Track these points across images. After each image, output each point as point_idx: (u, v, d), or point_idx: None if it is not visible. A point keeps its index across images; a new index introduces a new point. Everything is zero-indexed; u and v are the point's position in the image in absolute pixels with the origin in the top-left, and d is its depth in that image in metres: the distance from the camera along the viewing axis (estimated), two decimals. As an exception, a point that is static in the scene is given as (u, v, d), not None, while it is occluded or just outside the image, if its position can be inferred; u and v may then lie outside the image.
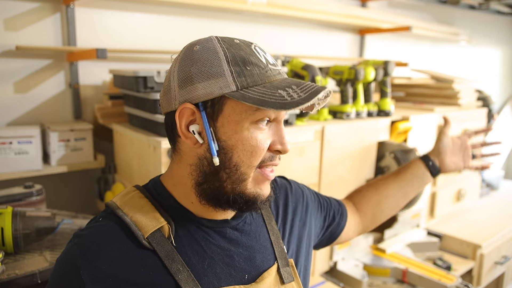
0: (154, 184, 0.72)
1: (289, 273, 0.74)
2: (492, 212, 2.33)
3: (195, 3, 1.61)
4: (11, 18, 1.40)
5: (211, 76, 0.62)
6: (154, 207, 0.67)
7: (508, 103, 4.09)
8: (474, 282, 1.88)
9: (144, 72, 1.23)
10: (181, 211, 0.68)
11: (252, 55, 0.64)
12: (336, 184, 1.56)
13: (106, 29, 1.59)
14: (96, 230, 0.65)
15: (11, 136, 1.31)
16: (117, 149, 1.50)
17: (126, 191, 0.71)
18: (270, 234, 0.75)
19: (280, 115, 0.66)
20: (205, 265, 0.65)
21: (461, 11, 3.29)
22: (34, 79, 1.49)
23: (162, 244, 0.64)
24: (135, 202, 0.68)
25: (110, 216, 0.67)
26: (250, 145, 0.63)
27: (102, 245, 0.62)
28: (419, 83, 2.39)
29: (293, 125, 1.43)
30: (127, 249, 0.63)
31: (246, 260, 0.70)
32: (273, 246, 0.74)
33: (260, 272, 0.70)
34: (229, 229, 0.70)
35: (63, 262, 0.64)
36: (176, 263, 0.63)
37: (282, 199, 0.85)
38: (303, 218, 0.85)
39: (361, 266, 1.65)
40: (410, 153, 1.65)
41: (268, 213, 0.79)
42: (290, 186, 0.89)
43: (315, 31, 2.31)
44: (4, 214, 1.00)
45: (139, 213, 0.66)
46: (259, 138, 0.64)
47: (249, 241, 0.72)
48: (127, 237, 0.64)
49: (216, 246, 0.68)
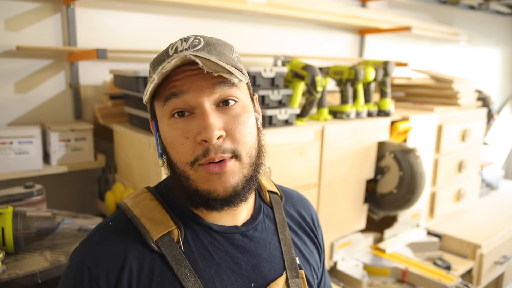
0: (165, 186, 0.71)
1: (298, 285, 0.71)
2: (491, 212, 2.33)
3: (195, 3, 1.61)
4: (11, 18, 1.40)
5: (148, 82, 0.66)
6: (164, 210, 0.67)
7: (508, 103, 4.09)
8: (474, 282, 1.88)
9: (144, 72, 1.23)
10: (190, 215, 0.67)
11: (165, 52, 0.64)
12: (336, 184, 1.56)
13: (106, 29, 1.59)
14: (106, 236, 0.65)
15: (11, 136, 1.31)
16: (117, 149, 1.50)
17: (138, 192, 0.71)
18: (281, 244, 0.73)
19: (195, 99, 0.60)
20: (212, 271, 0.64)
21: (461, 11, 3.29)
22: (34, 79, 1.49)
23: (170, 248, 0.63)
24: (145, 204, 0.68)
25: (119, 219, 0.67)
26: (171, 141, 0.62)
27: (114, 251, 0.62)
28: (419, 83, 2.39)
29: (293, 125, 1.44)
30: (138, 254, 0.62)
31: (253, 268, 0.68)
32: (283, 255, 0.72)
33: (267, 281, 0.68)
34: (239, 235, 0.69)
35: (73, 274, 0.62)
36: (184, 268, 0.62)
37: (306, 214, 0.83)
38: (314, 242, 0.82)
39: (361, 266, 1.66)
40: (410, 153, 1.66)
41: (283, 221, 0.76)
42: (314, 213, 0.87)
43: (315, 31, 2.31)
44: (4, 214, 1.01)
45: (149, 215, 0.65)
46: (175, 132, 0.62)
47: (258, 249, 0.70)
48: (136, 241, 0.63)
49: (224, 252, 0.66)
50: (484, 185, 2.70)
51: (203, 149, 0.60)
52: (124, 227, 0.65)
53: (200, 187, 0.62)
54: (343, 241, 1.65)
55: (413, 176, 1.64)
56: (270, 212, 0.76)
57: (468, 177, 2.27)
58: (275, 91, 1.41)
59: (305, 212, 0.83)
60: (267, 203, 0.77)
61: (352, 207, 1.65)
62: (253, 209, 0.74)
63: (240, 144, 0.61)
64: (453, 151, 2.10)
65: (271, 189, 0.80)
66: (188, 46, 0.62)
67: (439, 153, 2.02)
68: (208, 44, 0.63)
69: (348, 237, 1.67)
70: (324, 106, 1.60)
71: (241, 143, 0.62)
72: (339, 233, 1.63)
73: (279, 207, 0.78)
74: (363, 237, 1.76)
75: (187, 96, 0.60)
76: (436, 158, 2.02)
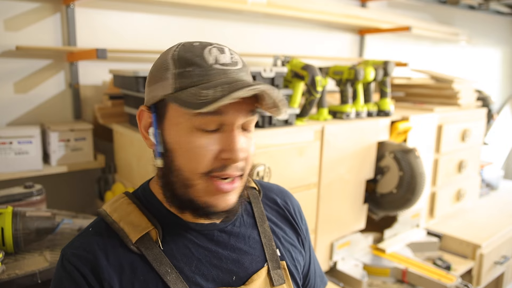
0: (142, 190, 0.73)
1: (280, 276, 0.73)
2: (491, 212, 2.33)
3: (195, 3, 1.61)
4: (11, 18, 1.40)
5: (158, 79, 0.64)
6: (142, 212, 0.68)
7: (507, 103, 4.09)
8: (473, 282, 1.88)
9: (144, 72, 1.23)
10: (168, 215, 0.69)
11: (200, 55, 0.61)
12: (336, 184, 1.56)
13: (106, 29, 1.59)
14: (88, 240, 0.66)
15: (11, 136, 1.31)
16: (117, 149, 1.50)
17: (115, 198, 0.72)
18: (261, 237, 0.75)
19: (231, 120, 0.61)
20: (193, 267, 0.66)
21: (460, 11, 3.29)
22: (34, 79, 1.49)
23: (150, 248, 0.65)
24: (123, 208, 0.69)
25: (99, 225, 0.68)
26: (190, 150, 0.61)
27: (97, 255, 0.63)
28: (419, 83, 2.39)
29: (293, 125, 1.44)
30: (119, 255, 0.64)
31: (234, 262, 0.70)
32: (263, 248, 0.74)
33: (249, 273, 0.70)
34: (217, 232, 0.71)
35: (63, 276, 0.63)
36: (165, 266, 0.64)
37: (286, 203, 0.85)
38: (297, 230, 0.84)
39: (361, 266, 1.66)
40: (410, 153, 1.66)
41: (262, 215, 0.79)
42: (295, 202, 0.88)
43: (315, 31, 2.31)
44: (4, 214, 1.01)
45: (127, 219, 0.67)
46: (199, 143, 0.61)
47: (237, 243, 0.72)
48: (116, 244, 0.65)
49: (203, 248, 0.68)
50: (484, 185, 2.70)
51: (222, 164, 0.62)
52: (104, 232, 0.67)
53: (201, 198, 0.64)
54: (343, 241, 1.64)
55: (413, 176, 1.64)
56: (248, 207, 0.78)
57: (468, 177, 2.27)
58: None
59: (284, 202, 0.85)
60: (245, 198, 0.79)
61: (352, 207, 1.65)
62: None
63: (248, 166, 0.67)
64: (453, 151, 2.10)
65: (249, 185, 0.81)
66: (230, 62, 0.63)
67: (439, 153, 2.02)
68: (244, 65, 0.65)
69: (348, 237, 1.67)
70: (324, 106, 1.60)
71: (248, 165, 0.67)
72: (339, 233, 1.63)
73: (258, 202, 0.80)
74: (363, 237, 1.76)
75: (225, 117, 0.61)
76: (436, 158, 2.02)
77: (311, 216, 1.50)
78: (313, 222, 1.52)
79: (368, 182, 1.74)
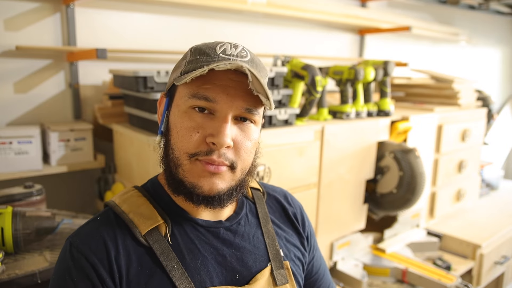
0: (152, 184, 0.74)
1: (283, 275, 0.74)
2: (491, 212, 2.33)
3: (195, 3, 1.61)
4: (11, 18, 1.40)
5: (176, 68, 0.69)
6: (152, 206, 0.69)
7: (508, 103, 4.09)
8: (473, 282, 1.88)
9: (144, 72, 1.23)
10: (177, 210, 0.70)
11: (212, 47, 0.65)
12: (336, 184, 1.56)
13: (106, 29, 1.59)
14: (97, 229, 0.66)
15: (11, 136, 1.31)
16: (117, 149, 1.50)
17: (125, 190, 0.73)
18: (265, 237, 0.76)
19: (222, 108, 0.63)
20: (198, 264, 0.67)
21: (460, 11, 3.29)
22: (34, 79, 1.49)
23: (158, 242, 0.65)
24: (133, 200, 0.69)
25: (107, 214, 0.68)
26: (180, 129, 0.65)
27: (107, 244, 0.63)
28: (419, 83, 2.39)
29: (293, 125, 1.43)
30: (128, 246, 0.64)
31: (238, 261, 0.71)
32: (267, 248, 0.75)
33: (252, 273, 0.71)
34: (223, 230, 0.72)
35: (70, 265, 0.62)
36: (171, 261, 0.65)
37: (289, 206, 0.86)
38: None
39: (361, 266, 1.65)
40: (410, 153, 1.66)
41: (266, 215, 0.79)
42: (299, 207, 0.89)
43: (315, 31, 2.31)
44: (4, 214, 1.00)
45: (137, 211, 0.67)
46: (190, 125, 0.64)
47: (242, 242, 0.73)
48: (125, 234, 0.65)
49: (209, 245, 0.69)
50: (484, 185, 2.70)
51: (207, 148, 0.63)
52: (113, 221, 0.67)
53: (188, 178, 0.65)
54: (343, 241, 1.64)
55: (413, 176, 1.64)
56: (253, 207, 0.79)
57: (468, 177, 2.27)
58: (275, 91, 1.41)
59: (288, 205, 0.86)
60: (250, 199, 0.81)
61: (352, 207, 1.65)
62: (236, 205, 0.77)
63: (239, 159, 0.66)
64: (453, 151, 2.10)
65: (253, 186, 0.83)
66: (236, 54, 0.65)
67: (439, 153, 2.02)
68: (252, 61, 0.67)
69: (348, 237, 1.67)
70: (324, 106, 1.60)
71: (241, 159, 0.66)
72: (339, 233, 1.63)
73: (262, 203, 0.81)
74: (363, 237, 1.76)
75: (217, 105, 0.63)
76: (436, 158, 2.01)
77: (311, 216, 1.50)
78: (313, 222, 1.52)
79: (368, 182, 1.74)
